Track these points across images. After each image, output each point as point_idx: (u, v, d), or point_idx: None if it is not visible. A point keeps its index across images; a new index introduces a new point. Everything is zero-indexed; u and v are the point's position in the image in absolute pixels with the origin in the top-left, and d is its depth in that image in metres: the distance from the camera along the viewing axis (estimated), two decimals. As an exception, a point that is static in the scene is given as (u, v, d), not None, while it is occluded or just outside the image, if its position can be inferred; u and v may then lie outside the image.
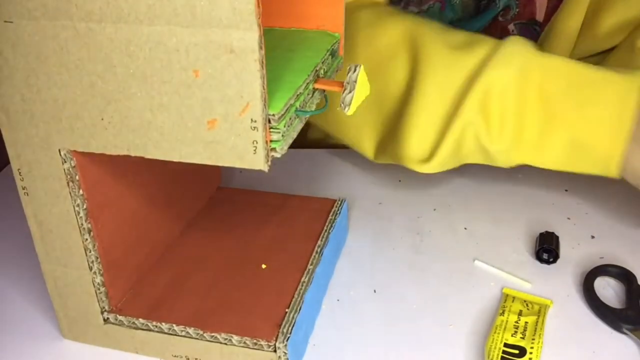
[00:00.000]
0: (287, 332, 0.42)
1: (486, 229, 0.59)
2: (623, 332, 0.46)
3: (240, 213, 0.57)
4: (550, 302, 0.48)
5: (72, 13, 0.33)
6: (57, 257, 0.43)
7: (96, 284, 0.44)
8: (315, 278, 0.48)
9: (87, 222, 0.41)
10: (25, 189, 0.41)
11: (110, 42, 0.34)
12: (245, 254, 0.52)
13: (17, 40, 0.35)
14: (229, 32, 0.32)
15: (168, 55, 0.33)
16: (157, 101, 0.35)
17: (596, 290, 0.49)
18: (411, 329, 0.47)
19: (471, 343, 0.45)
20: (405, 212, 0.61)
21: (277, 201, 0.59)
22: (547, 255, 0.53)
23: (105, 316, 0.45)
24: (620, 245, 0.55)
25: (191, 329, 0.43)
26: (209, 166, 0.37)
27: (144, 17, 0.32)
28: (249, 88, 0.33)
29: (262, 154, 0.35)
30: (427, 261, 0.54)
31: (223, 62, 0.32)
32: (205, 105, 0.34)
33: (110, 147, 0.37)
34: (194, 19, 0.32)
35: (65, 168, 0.39)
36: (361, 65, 0.42)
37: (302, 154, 0.73)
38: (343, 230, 0.57)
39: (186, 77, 0.33)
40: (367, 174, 0.69)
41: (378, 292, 0.51)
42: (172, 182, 0.52)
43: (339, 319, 0.48)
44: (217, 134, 0.35)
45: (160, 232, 0.51)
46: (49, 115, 0.37)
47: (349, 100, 0.42)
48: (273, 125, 0.35)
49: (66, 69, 0.35)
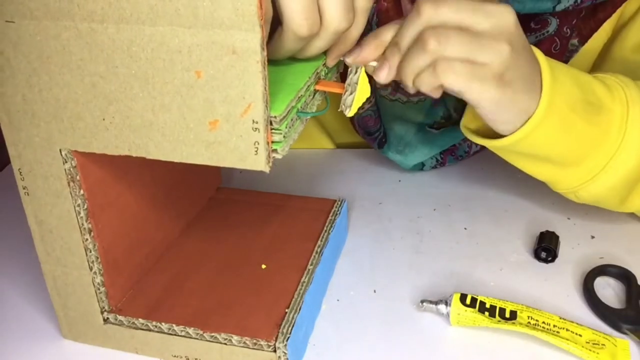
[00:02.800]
0: (287, 332, 0.42)
1: (486, 229, 0.59)
2: (623, 332, 0.46)
3: (240, 213, 0.57)
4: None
5: (74, 13, 0.33)
6: (57, 257, 0.43)
7: (96, 284, 0.44)
8: (315, 278, 0.48)
9: (88, 222, 0.41)
10: (25, 189, 0.41)
11: (112, 42, 0.34)
12: (245, 254, 0.52)
13: (18, 40, 0.35)
14: (231, 33, 0.32)
15: (170, 55, 0.33)
16: (159, 102, 0.35)
17: (596, 290, 0.49)
18: (411, 329, 0.47)
19: (471, 343, 0.46)
20: (405, 212, 0.61)
21: (277, 201, 0.59)
22: (546, 254, 0.54)
23: (105, 316, 0.45)
24: (620, 245, 0.55)
25: (191, 329, 0.43)
26: (209, 166, 0.37)
27: (146, 17, 0.32)
28: (251, 89, 0.33)
29: (263, 155, 0.35)
30: (427, 261, 0.54)
31: (225, 63, 0.32)
32: (207, 106, 0.34)
33: (112, 148, 0.37)
34: (196, 19, 0.32)
35: (66, 168, 0.39)
36: (362, 67, 0.43)
37: (302, 154, 0.73)
38: (343, 231, 0.57)
39: (188, 78, 0.34)
40: (367, 174, 0.68)
41: (378, 292, 0.51)
42: (173, 183, 0.52)
43: (339, 319, 0.48)
44: (218, 135, 0.35)
45: (160, 232, 0.51)
46: (50, 115, 0.37)
47: (349, 102, 0.42)
48: (274, 127, 0.35)
49: (68, 69, 0.35)
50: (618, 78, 0.49)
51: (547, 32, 0.56)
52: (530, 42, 0.55)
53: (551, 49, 0.57)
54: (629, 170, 0.48)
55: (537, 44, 0.56)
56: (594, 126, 0.47)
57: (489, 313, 0.46)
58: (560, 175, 0.50)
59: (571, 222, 0.59)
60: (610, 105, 0.47)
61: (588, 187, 0.49)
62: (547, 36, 0.56)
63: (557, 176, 0.50)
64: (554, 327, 0.44)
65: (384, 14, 0.57)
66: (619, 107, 0.47)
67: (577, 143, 0.47)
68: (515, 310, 0.46)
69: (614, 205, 0.52)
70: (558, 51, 0.57)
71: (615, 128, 0.47)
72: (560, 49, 0.57)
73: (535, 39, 0.56)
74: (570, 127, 0.46)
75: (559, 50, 0.57)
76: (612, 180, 0.48)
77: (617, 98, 0.48)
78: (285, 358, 0.42)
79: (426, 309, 0.48)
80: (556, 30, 0.56)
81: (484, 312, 0.46)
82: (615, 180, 0.48)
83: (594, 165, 0.48)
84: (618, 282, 0.51)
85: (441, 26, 0.40)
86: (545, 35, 0.56)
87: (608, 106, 0.47)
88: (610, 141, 0.47)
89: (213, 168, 0.60)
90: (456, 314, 0.46)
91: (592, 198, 0.51)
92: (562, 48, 0.57)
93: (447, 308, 0.47)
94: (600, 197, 0.50)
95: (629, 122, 0.47)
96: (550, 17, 0.55)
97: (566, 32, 0.57)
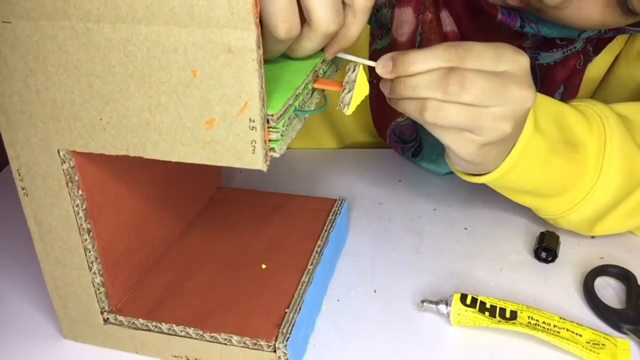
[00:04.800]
0: (287, 333, 0.42)
1: (486, 229, 0.58)
2: (623, 332, 0.46)
3: (240, 213, 0.57)
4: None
5: (70, 13, 0.33)
6: (56, 258, 0.43)
7: (96, 284, 0.44)
8: (315, 278, 0.48)
9: (87, 222, 0.41)
10: (24, 190, 0.41)
11: (108, 42, 0.34)
12: (245, 254, 0.52)
13: (15, 40, 0.35)
14: (226, 32, 0.32)
15: (166, 55, 0.33)
16: (156, 101, 0.35)
17: (596, 290, 0.49)
18: (411, 329, 0.47)
19: (472, 343, 0.45)
20: (405, 212, 0.61)
21: (277, 201, 0.59)
22: (546, 254, 0.53)
23: (105, 316, 0.45)
24: (620, 245, 0.55)
25: (191, 329, 0.43)
26: (209, 166, 0.37)
27: (141, 17, 0.32)
28: (247, 87, 0.33)
29: (260, 154, 0.35)
30: (427, 261, 0.54)
31: (221, 62, 0.32)
32: (204, 105, 0.34)
33: (109, 147, 0.37)
34: (191, 18, 0.32)
35: (64, 168, 0.39)
36: (360, 65, 0.42)
37: (302, 154, 0.73)
38: (343, 230, 0.57)
39: (184, 77, 0.33)
40: (367, 174, 0.68)
41: (378, 292, 0.51)
42: (172, 182, 0.52)
43: (339, 319, 0.48)
44: (215, 134, 0.35)
45: (160, 232, 0.51)
46: (47, 115, 0.37)
47: (347, 100, 0.42)
48: (272, 125, 0.35)
49: (65, 69, 0.35)
50: (598, 109, 0.50)
51: (575, 47, 0.57)
52: (558, 58, 0.57)
53: (576, 65, 0.58)
54: (607, 201, 0.50)
55: (564, 59, 0.57)
56: (571, 164, 0.48)
57: (489, 313, 0.46)
58: (542, 204, 0.52)
59: (572, 221, 0.59)
60: (588, 141, 0.49)
61: (568, 217, 0.52)
62: (574, 52, 0.57)
63: (538, 205, 0.52)
64: (554, 327, 0.44)
65: (428, 25, 0.57)
66: (597, 142, 0.49)
67: (555, 178, 0.49)
68: (515, 310, 0.46)
69: (585, 231, 0.54)
70: (581, 67, 0.59)
71: (592, 163, 0.49)
72: (583, 65, 0.58)
73: (563, 54, 0.57)
74: (548, 165, 0.47)
75: (582, 66, 0.58)
76: (589, 212, 0.50)
77: (596, 132, 0.49)
78: (286, 358, 0.42)
79: (426, 309, 0.48)
80: (582, 47, 0.57)
81: (484, 312, 0.46)
82: (592, 212, 0.50)
83: (574, 197, 0.50)
84: (618, 282, 0.51)
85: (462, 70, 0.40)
86: (573, 51, 0.57)
87: (585, 143, 0.49)
88: (588, 176, 0.49)
89: (213, 168, 0.60)
90: (456, 314, 0.46)
91: (569, 226, 0.53)
92: (584, 64, 0.58)
93: (447, 308, 0.46)
94: (578, 225, 0.53)
95: (606, 157, 0.49)
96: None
97: (589, 50, 0.58)
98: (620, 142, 0.49)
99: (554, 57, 0.57)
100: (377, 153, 0.72)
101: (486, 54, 0.41)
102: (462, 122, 0.41)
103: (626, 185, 0.50)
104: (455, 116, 0.41)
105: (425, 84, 0.41)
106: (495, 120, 0.41)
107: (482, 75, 0.40)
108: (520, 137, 0.45)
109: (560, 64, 0.58)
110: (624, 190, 0.50)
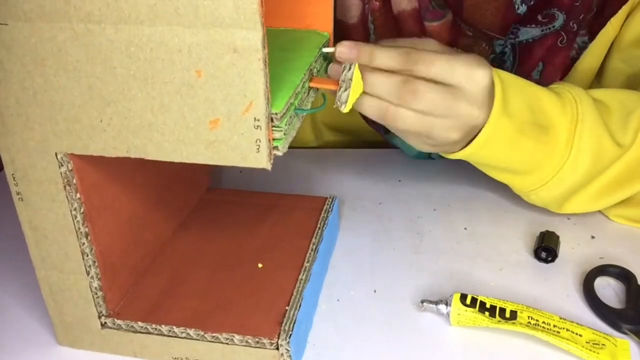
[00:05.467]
0: (289, 330, 0.42)
1: (486, 229, 0.58)
2: (623, 332, 0.46)
3: (232, 213, 0.57)
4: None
5: (70, 14, 0.33)
6: (52, 263, 0.42)
7: (93, 289, 0.43)
8: (312, 275, 0.48)
9: (85, 225, 0.41)
10: (19, 194, 0.40)
11: (110, 43, 0.33)
12: (240, 253, 0.52)
13: (12, 42, 0.35)
14: (232, 32, 0.32)
15: (170, 55, 0.33)
16: (158, 102, 0.35)
17: (596, 290, 0.49)
18: (411, 329, 0.47)
19: (471, 343, 0.46)
20: (405, 212, 0.61)
21: (268, 201, 0.59)
22: (546, 254, 0.53)
23: (103, 321, 0.44)
24: (620, 245, 0.55)
25: (192, 330, 0.43)
26: (198, 167, 0.37)
27: (145, 17, 0.32)
28: (252, 87, 0.33)
29: (265, 153, 0.35)
30: (427, 261, 0.54)
31: (226, 62, 0.32)
32: (208, 105, 0.34)
33: (110, 149, 0.37)
34: (196, 19, 0.32)
35: (62, 172, 0.39)
36: (356, 64, 0.43)
37: (302, 153, 0.72)
38: (335, 228, 0.57)
39: (188, 77, 0.33)
40: (367, 174, 0.68)
41: (378, 292, 0.51)
42: (164, 184, 0.51)
43: (338, 319, 0.48)
44: (219, 134, 0.35)
45: (154, 234, 0.51)
46: (45, 118, 0.37)
47: (345, 98, 0.43)
48: (275, 124, 0.35)
49: (64, 71, 0.35)
50: (574, 92, 0.52)
51: (553, 26, 0.57)
52: (536, 35, 0.58)
53: (557, 43, 0.59)
54: (576, 180, 0.52)
55: (542, 37, 0.58)
56: (541, 144, 0.51)
57: (489, 313, 0.46)
58: (514, 180, 0.55)
59: (571, 222, 0.59)
60: (559, 122, 0.51)
61: (539, 193, 0.54)
62: (552, 31, 0.57)
63: (511, 181, 0.55)
64: (554, 327, 0.45)
65: (378, 12, 0.58)
66: (568, 123, 0.51)
67: (526, 157, 0.51)
68: (515, 310, 0.46)
69: (555, 208, 0.56)
70: (565, 45, 0.59)
71: (562, 143, 0.51)
72: (567, 43, 0.59)
73: (541, 32, 0.58)
74: (516, 145, 0.50)
75: (565, 44, 0.59)
76: (559, 190, 0.53)
77: (569, 114, 0.51)
78: (288, 355, 0.42)
79: (426, 309, 0.48)
80: (562, 25, 0.57)
81: (484, 312, 0.46)
82: (562, 190, 0.53)
83: (544, 175, 0.52)
84: (618, 282, 0.51)
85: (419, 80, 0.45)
86: (552, 29, 0.57)
87: (557, 124, 0.51)
88: (558, 155, 0.51)
89: (202, 168, 0.59)
90: (456, 314, 0.46)
91: (541, 201, 0.56)
92: (569, 42, 0.59)
93: (447, 308, 0.47)
94: (549, 201, 0.55)
95: (576, 138, 0.51)
96: (557, 12, 0.56)
97: (572, 27, 0.58)
98: (591, 124, 0.51)
99: (532, 33, 0.58)
100: (377, 153, 0.71)
101: (440, 64, 0.45)
102: (417, 128, 0.46)
103: (595, 167, 0.52)
104: (410, 123, 0.46)
105: (383, 87, 0.45)
106: (443, 129, 0.47)
107: (433, 87, 0.45)
108: (489, 120, 0.48)
109: (538, 41, 0.58)
110: (593, 171, 0.52)
